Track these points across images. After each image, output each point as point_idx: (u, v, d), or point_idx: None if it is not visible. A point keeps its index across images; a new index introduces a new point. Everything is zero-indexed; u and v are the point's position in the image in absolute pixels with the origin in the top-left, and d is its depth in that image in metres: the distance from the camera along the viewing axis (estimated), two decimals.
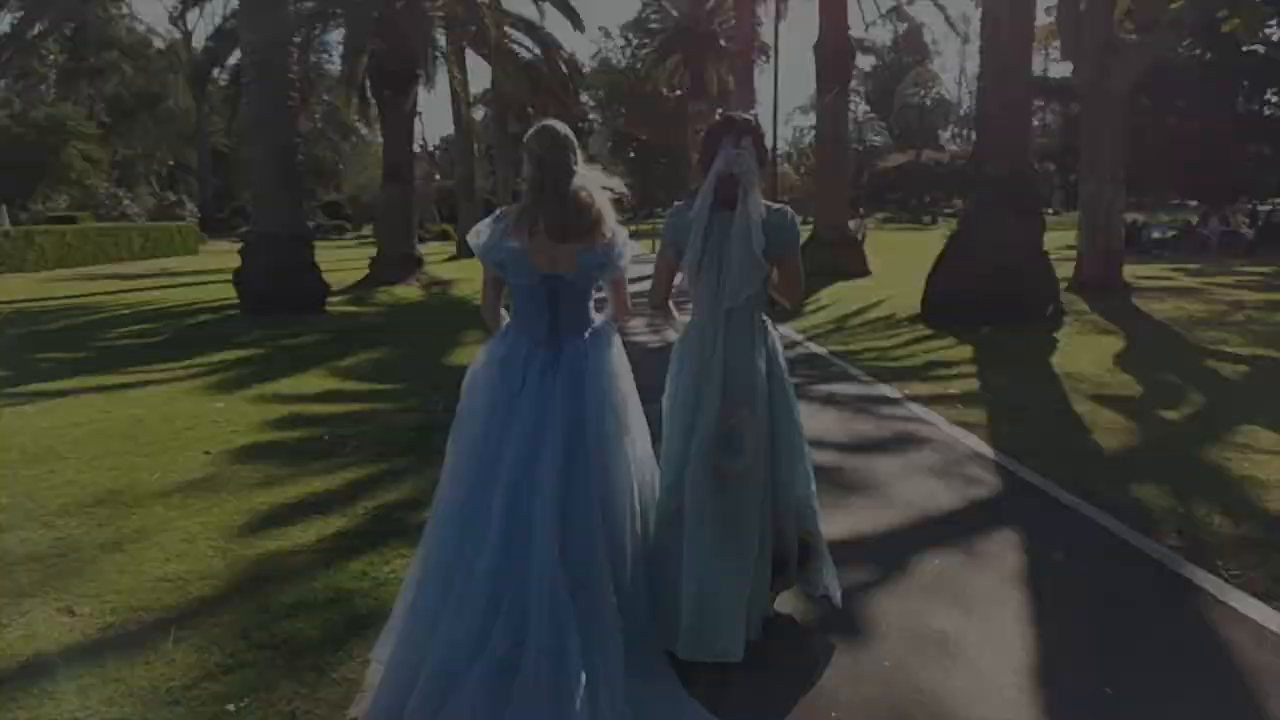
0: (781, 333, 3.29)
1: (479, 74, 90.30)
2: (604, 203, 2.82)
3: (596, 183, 2.83)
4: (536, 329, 2.80)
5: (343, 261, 24.48)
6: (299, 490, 4.86)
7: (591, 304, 2.91)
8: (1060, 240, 16.27)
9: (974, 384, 7.70)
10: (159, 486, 4.90)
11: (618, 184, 2.90)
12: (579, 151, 2.82)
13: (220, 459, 5.46)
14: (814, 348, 9.85)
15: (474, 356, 2.95)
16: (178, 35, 51.67)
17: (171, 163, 57.20)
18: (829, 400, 7.14)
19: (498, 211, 2.90)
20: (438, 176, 60.12)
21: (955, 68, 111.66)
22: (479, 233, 2.83)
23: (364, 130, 47.47)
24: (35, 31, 39.26)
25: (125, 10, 50.24)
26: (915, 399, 7.12)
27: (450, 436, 2.87)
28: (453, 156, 42.73)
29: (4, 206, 35.59)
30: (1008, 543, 4.04)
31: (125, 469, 5.24)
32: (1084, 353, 9.02)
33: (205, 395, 7.40)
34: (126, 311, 14.20)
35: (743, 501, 2.88)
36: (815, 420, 6.33)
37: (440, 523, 2.76)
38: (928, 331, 10.71)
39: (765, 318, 3.04)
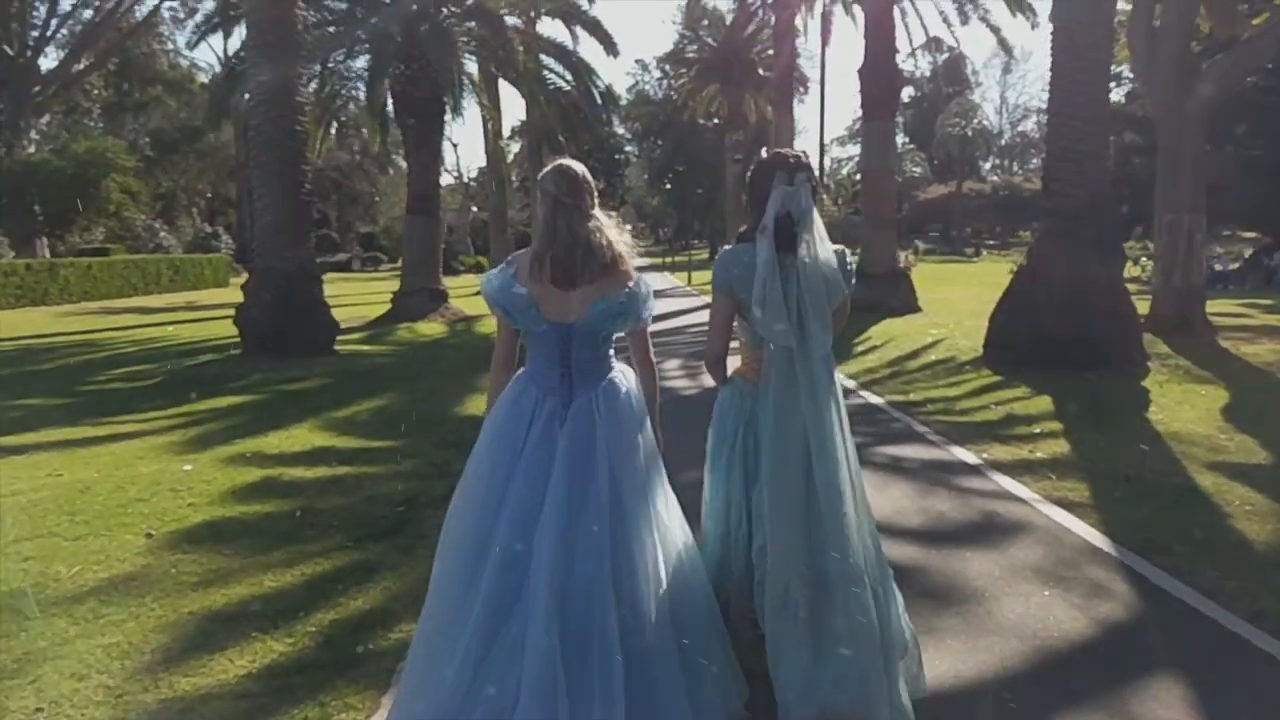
0: None
1: (517, 106, 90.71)
2: (624, 248, 2.63)
3: (610, 230, 2.65)
4: (548, 378, 2.62)
5: (371, 295, 23.89)
6: (244, 591, 3.91)
7: (610, 353, 2.70)
8: None
9: (1064, 446, 6.56)
10: (73, 586, 3.96)
11: (627, 238, 2.69)
12: (596, 194, 2.65)
13: (162, 543, 4.52)
14: (870, 397, 8.73)
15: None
16: (219, 70, 52.27)
17: (209, 195, 57.67)
18: (895, 468, 6.05)
19: (511, 256, 2.73)
20: (474, 209, 59.98)
21: (996, 97, 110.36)
22: (491, 279, 2.66)
23: (402, 162, 47.36)
24: (80, 66, 39.94)
25: (169, 46, 50.92)
26: (997, 466, 6.02)
27: (454, 494, 2.60)
28: (486, 188, 42.29)
29: (43, 239, 35.90)
30: (1171, 699, 2.94)
31: (45, 557, 4.32)
32: (1183, 407, 7.83)
33: (176, 454, 6.49)
34: (131, 349, 13.50)
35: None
36: (882, 495, 5.26)
37: (437, 589, 2.56)
38: (996, 377, 9.55)
39: None
